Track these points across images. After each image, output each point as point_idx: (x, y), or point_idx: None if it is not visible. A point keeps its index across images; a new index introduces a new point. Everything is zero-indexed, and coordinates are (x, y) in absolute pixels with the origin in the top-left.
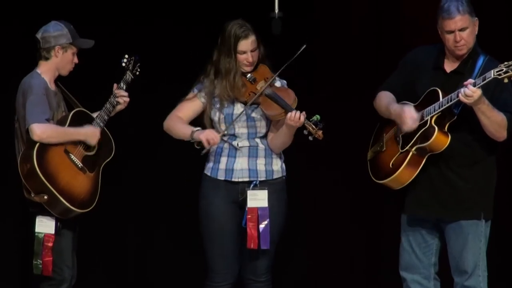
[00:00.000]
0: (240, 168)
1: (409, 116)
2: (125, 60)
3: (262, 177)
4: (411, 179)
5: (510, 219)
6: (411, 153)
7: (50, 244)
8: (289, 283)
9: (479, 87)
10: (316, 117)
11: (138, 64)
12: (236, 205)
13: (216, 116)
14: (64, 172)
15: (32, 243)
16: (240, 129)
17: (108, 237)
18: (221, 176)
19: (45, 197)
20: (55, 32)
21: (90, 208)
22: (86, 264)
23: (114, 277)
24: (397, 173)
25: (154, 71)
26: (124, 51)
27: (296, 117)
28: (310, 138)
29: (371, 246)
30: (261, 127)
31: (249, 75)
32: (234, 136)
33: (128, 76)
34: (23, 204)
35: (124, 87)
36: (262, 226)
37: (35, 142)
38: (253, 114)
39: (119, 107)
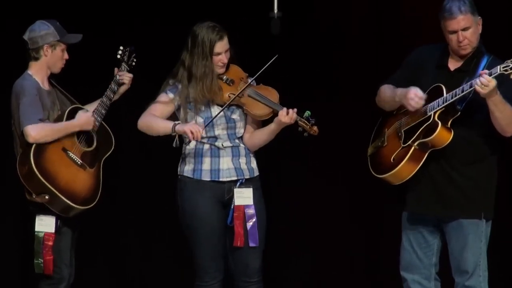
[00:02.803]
0: (227, 167)
1: (414, 92)
2: (120, 52)
3: (246, 176)
4: (411, 175)
5: (510, 218)
6: (413, 148)
7: (50, 243)
8: (289, 283)
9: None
10: (307, 113)
11: (134, 55)
12: (221, 205)
13: (193, 120)
14: (63, 171)
15: (32, 242)
16: (220, 130)
17: (107, 235)
18: (206, 177)
19: (46, 197)
20: (41, 31)
21: (93, 204)
22: (85, 262)
23: (113, 275)
24: (397, 168)
25: (152, 69)
26: (119, 46)
27: (289, 113)
28: (305, 134)
29: (371, 246)
30: (240, 128)
31: (225, 77)
32: (214, 138)
33: (124, 67)
34: (22, 204)
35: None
36: (250, 224)
37: (32, 144)
38: (233, 116)
39: (124, 88)
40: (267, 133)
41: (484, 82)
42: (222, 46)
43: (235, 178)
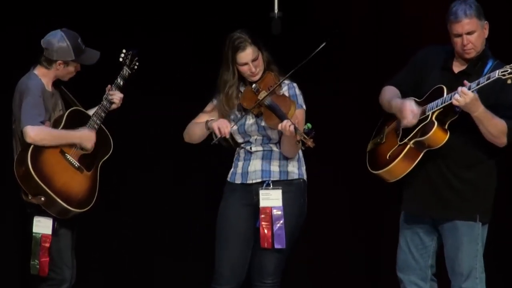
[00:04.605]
0: (254, 170)
1: (409, 109)
2: (122, 55)
3: (275, 178)
4: (405, 173)
5: (508, 220)
6: (408, 146)
7: (47, 245)
8: (289, 283)
9: (476, 89)
10: (307, 125)
11: (136, 58)
12: (251, 208)
13: (231, 128)
14: (60, 173)
15: (30, 244)
16: (254, 137)
17: (108, 237)
18: (238, 180)
19: (42, 198)
20: (58, 45)
21: (89, 207)
22: (86, 264)
23: (114, 277)
24: (392, 164)
25: (155, 71)
26: (124, 48)
27: (285, 126)
28: (302, 148)
29: (371, 246)
30: (273, 134)
31: (254, 85)
32: (249, 142)
33: (125, 71)
34: (22, 205)
35: (121, 83)
36: (276, 225)
37: (30, 144)
38: (263, 124)
39: (113, 107)
40: (284, 143)
41: (458, 95)
42: (244, 56)
43: (260, 180)
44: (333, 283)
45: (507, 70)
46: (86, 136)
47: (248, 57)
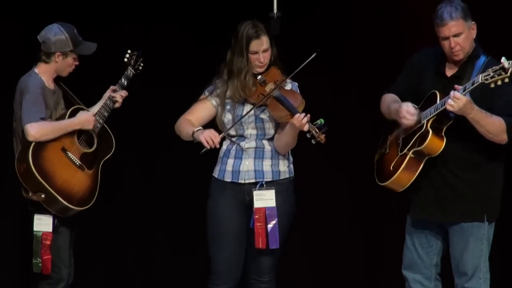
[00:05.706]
0: (247, 169)
1: (406, 110)
2: (127, 56)
3: (268, 178)
4: (410, 182)
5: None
6: (408, 156)
7: (48, 242)
8: (289, 283)
9: (466, 93)
10: (320, 120)
11: (141, 59)
12: (243, 207)
13: (226, 117)
14: (61, 171)
15: (31, 242)
16: (249, 130)
17: (107, 236)
18: (228, 178)
19: (43, 195)
20: (56, 37)
21: (89, 205)
22: (84, 263)
23: (113, 276)
24: (395, 175)
25: (156, 71)
26: (126, 48)
27: (299, 119)
28: (313, 141)
29: (371, 246)
30: (270, 129)
31: (259, 76)
32: (243, 137)
33: (130, 71)
34: (22, 203)
35: (126, 83)
36: (270, 226)
37: (31, 142)
38: (262, 116)
39: (116, 105)
40: (285, 135)
41: (451, 101)
42: (258, 44)
43: (253, 181)
44: (335, 284)
45: (489, 74)
46: (84, 119)
47: (261, 46)
